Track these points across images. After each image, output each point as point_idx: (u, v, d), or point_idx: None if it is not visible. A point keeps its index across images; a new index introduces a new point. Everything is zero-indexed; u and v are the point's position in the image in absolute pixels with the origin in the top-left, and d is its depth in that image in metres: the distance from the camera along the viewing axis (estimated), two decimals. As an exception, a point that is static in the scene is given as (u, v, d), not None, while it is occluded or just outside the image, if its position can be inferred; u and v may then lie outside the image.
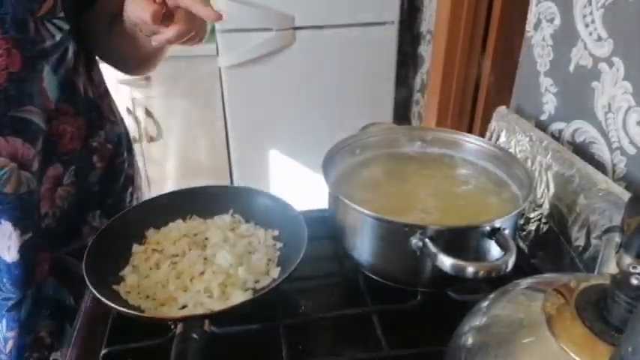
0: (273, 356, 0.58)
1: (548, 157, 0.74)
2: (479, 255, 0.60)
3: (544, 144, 0.76)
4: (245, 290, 0.62)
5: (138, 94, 2.01)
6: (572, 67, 0.78)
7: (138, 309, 0.60)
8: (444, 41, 1.65)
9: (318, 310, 0.66)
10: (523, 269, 0.66)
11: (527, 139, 0.80)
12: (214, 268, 0.65)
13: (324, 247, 0.72)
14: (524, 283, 0.43)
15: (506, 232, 0.59)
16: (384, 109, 2.03)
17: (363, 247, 0.65)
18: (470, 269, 0.52)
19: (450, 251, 0.54)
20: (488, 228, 0.58)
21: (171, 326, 0.55)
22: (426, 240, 0.56)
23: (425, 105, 1.96)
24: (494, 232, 0.58)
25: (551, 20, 0.82)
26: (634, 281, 0.33)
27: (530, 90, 0.89)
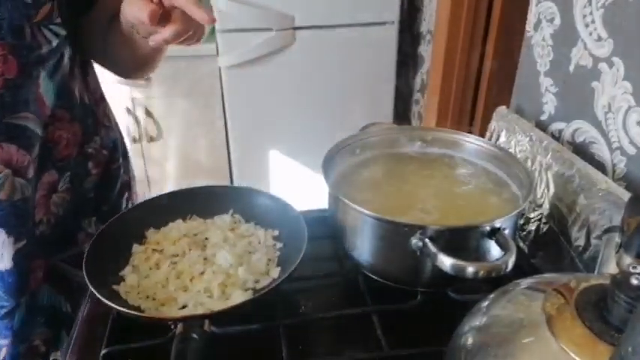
0: (273, 356, 0.58)
1: (548, 157, 0.74)
2: (479, 255, 0.60)
3: (544, 144, 0.76)
4: (245, 290, 0.62)
5: (138, 94, 2.01)
6: (572, 67, 0.78)
7: (138, 309, 0.60)
8: (444, 41, 1.65)
9: (318, 310, 0.66)
10: (523, 269, 0.66)
11: (527, 139, 0.80)
12: (214, 268, 0.65)
13: (324, 247, 0.72)
14: (524, 283, 0.43)
15: (506, 232, 0.59)
16: (384, 109, 2.03)
17: (363, 247, 0.65)
18: (470, 269, 0.52)
19: (450, 251, 0.54)
20: (488, 228, 0.58)
21: (171, 326, 0.55)
22: (426, 240, 0.56)
23: (425, 105, 1.96)
24: (494, 232, 0.58)
25: (551, 20, 0.82)
26: (634, 281, 0.33)
27: (530, 90, 0.89)
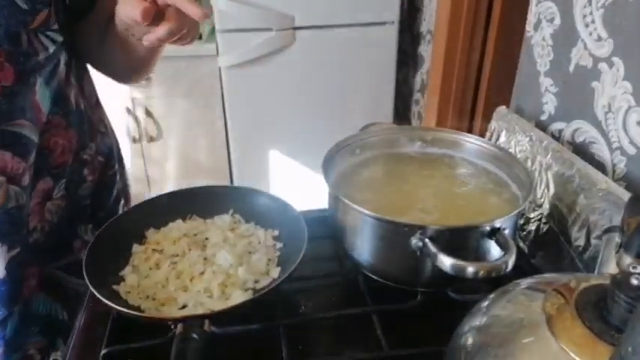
0: (273, 356, 0.58)
1: (548, 157, 0.74)
2: (479, 255, 0.60)
3: (544, 144, 0.76)
4: (245, 290, 0.62)
5: (138, 94, 2.01)
6: (572, 67, 0.78)
7: (138, 309, 0.60)
8: (444, 41, 1.65)
9: (318, 310, 0.66)
10: (523, 269, 0.67)
11: (527, 139, 0.80)
12: (214, 268, 0.65)
13: (324, 247, 0.72)
14: (524, 283, 0.43)
15: (506, 232, 0.59)
16: (384, 109, 2.02)
17: (363, 247, 0.65)
18: (470, 269, 0.52)
19: (450, 251, 0.54)
20: (488, 228, 0.58)
21: (171, 326, 0.55)
22: (426, 240, 0.56)
23: (425, 105, 1.96)
24: (494, 232, 0.58)
25: (551, 20, 0.82)
26: (634, 281, 0.33)
27: (530, 90, 0.89)
